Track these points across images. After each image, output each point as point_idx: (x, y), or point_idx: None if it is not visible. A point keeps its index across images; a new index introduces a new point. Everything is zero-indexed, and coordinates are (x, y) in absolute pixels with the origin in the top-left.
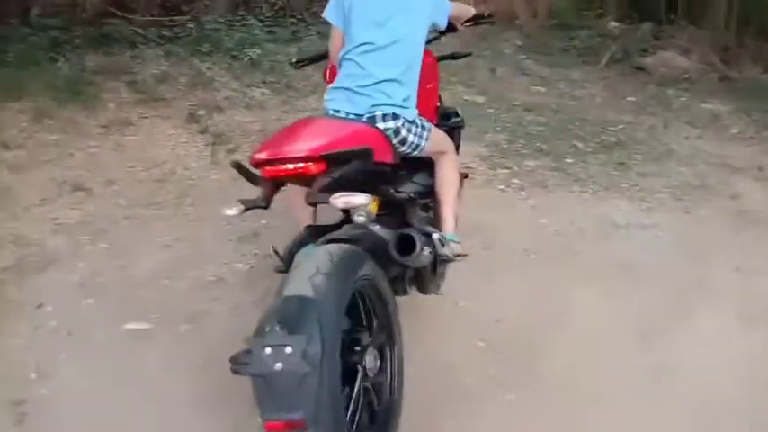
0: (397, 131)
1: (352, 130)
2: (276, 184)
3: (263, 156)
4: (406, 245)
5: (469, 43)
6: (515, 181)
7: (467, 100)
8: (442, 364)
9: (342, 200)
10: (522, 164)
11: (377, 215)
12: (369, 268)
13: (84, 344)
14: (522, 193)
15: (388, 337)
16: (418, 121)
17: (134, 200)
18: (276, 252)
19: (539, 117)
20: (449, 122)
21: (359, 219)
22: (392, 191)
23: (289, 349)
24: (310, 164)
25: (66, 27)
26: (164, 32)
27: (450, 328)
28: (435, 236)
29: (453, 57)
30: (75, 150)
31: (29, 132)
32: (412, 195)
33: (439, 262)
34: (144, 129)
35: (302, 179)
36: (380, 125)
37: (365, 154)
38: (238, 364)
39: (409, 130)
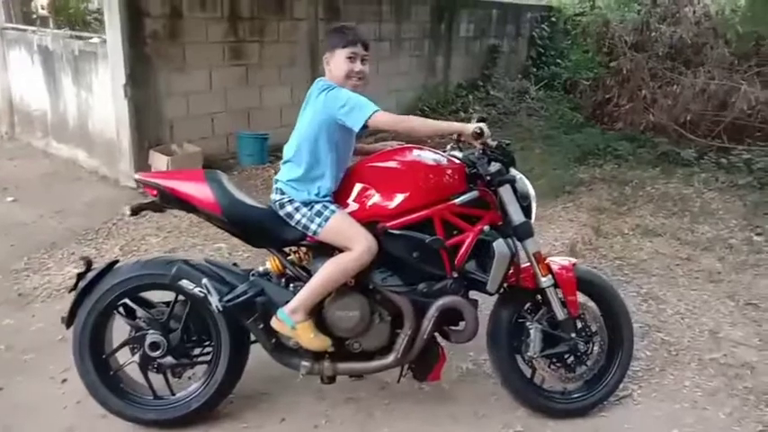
0: (281, 205)
1: (187, 179)
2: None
3: (139, 176)
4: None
5: None
6: None
7: None
8: None
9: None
10: None
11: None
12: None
13: None
14: None
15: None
16: (315, 207)
17: None
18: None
19: None
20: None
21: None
22: (277, 253)
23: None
24: (149, 189)
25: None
26: (721, 159)
27: None
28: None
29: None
30: None
31: None
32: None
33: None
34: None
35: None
36: (272, 196)
37: (161, 190)
38: None
39: (297, 209)
